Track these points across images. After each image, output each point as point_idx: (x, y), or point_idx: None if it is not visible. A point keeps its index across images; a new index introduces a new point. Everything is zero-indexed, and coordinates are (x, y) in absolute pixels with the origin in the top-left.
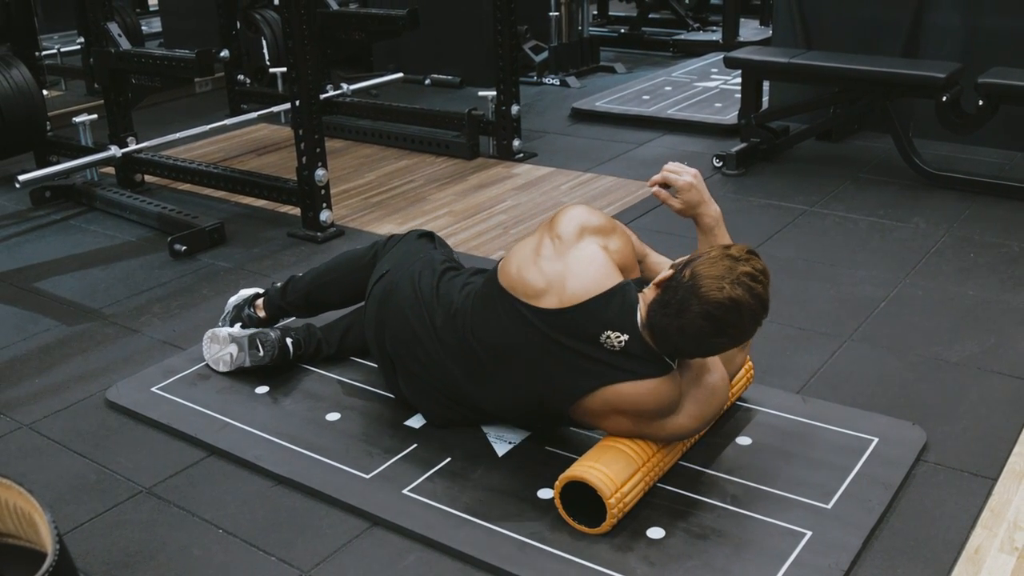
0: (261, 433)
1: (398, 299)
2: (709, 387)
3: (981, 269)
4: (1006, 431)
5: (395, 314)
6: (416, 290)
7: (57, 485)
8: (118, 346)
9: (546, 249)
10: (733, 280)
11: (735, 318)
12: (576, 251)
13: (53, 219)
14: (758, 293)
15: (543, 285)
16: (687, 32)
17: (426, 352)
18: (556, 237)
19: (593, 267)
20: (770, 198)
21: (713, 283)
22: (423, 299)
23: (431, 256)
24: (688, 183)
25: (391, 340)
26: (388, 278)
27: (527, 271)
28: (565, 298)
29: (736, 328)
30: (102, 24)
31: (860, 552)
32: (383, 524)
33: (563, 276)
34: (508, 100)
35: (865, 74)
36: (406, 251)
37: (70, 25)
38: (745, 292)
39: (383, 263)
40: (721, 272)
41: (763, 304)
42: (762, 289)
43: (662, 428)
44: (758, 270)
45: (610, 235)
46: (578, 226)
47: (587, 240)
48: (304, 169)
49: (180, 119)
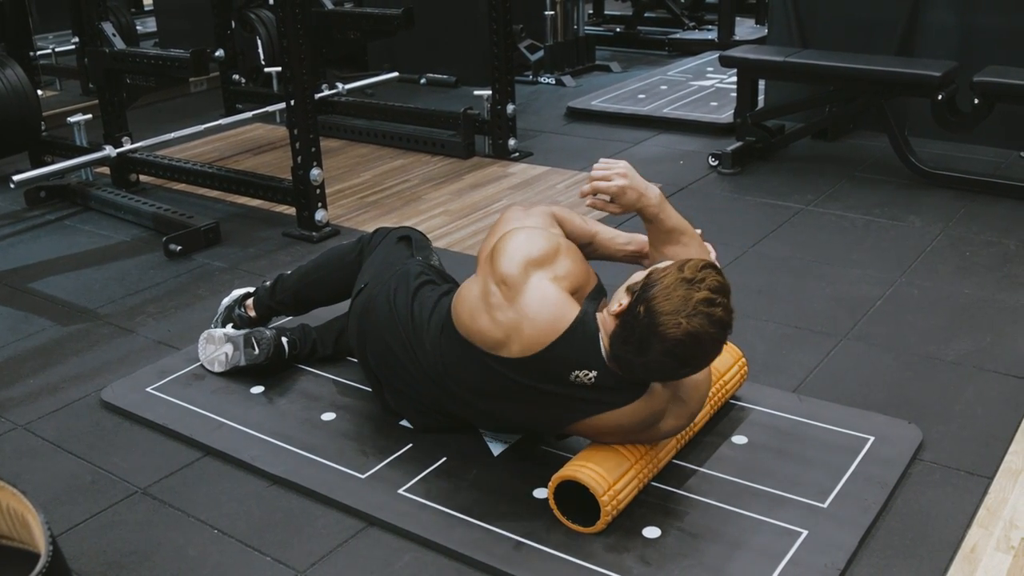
0: (256, 433)
1: (375, 318)
2: (691, 383)
3: (977, 268)
4: (1002, 430)
5: (373, 333)
6: (392, 309)
7: (52, 486)
8: (113, 346)
9: (494, 297)
10: (689, 313)
11: (697, 350)
12: (525, 295)
13: (48, 219)
14: (718, 318)
15: (501, 336)
16: (683, 31)
17: (407, 371)
18: (501, 283)
19: (547, 308)
20: (766, 197)
21: (670, 320)
22: (399, 319)
23: (407, 269)
24: (620, 188)
25: (372, 355)
26: (366, 293)
27: (480, 321)
28: (525, 346)
29: (700, 357)
30: (97, 24)
31: (856, 551)
32: (378, 524)
33: (518, 324)
34: (504, 99)
35: (861, 73)
36: (384, 259)
37: (65, 25)
38: (703, 321)
39: (363, 272)
40: (677, 306)
41: (723, 326)
42: (721, 311)
43: (653, 434)
44: (715, 290)
45: (555, 259)
46: (522, 263)
47: (534, 278)
48: (299, 169)
49: (175, 119)
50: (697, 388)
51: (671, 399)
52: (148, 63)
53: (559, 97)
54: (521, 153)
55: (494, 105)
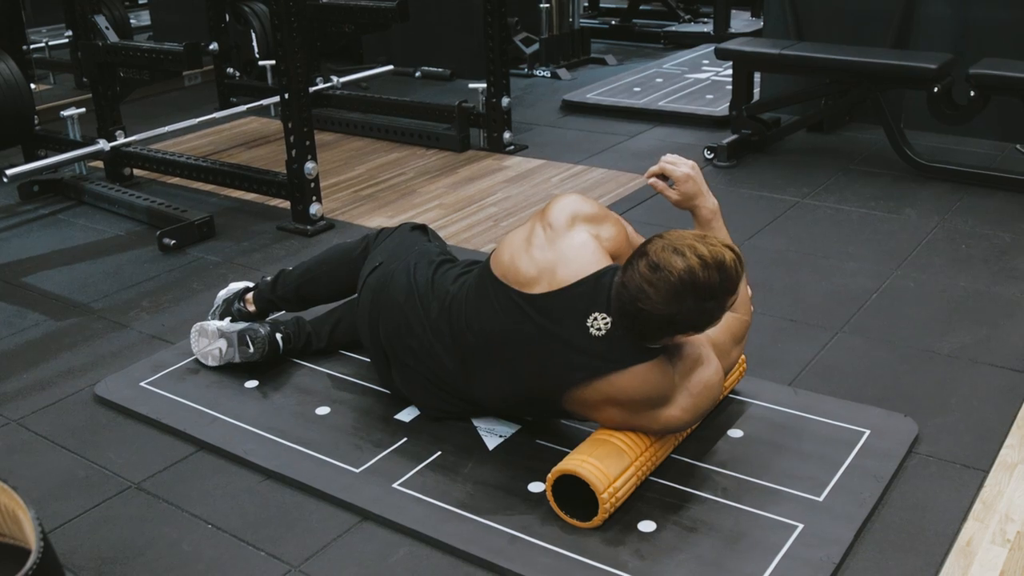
0: (250, 427)
1: (393, 290)
2: (703, 381)
3: (973, 260)
4: (998, 423)
5: (390, 305)
6: (411, 281)
7: (45, 481)
8: (107, 341)
9: (537, 238)
10: (675, 247)
11: (656, 282)
12: (566, 239)
13: (41, 213)
14: (690, 268)
15: (535, 273)
16: (678, 24)
17: (420, 343)
18: (548, 226)
19: (582, 253)
20: (761, 190)
21: (658, 240)
22: (418, 290)
23: (426, 248)
24: (685, 174)
25: (385, 331)
26: (382, 269)
27: (519, 260)
28: (554, 283)
29: (657, 298)
30: (90, 17)
31: (852, 545)
32: (373, 518)
33: (553, 263)
34: (498, 92)
35: (856, 65)
36: (399, 243)
37: (58, 19)
38: (678, 261)
39: (375, 255)
40: (673, 237)
41: (688, 282)
42: (699, 269)
43: (655, 420)
44: (714, 256)
45: (602, 223)
46: (570, 215)
47: (578, 228)
48: (294, 162)
49: (169, 113)
50: (708, 387)
51: (678, 387)
52: (142, 57)
53: (554, 90)
54: (516, 146)
55: (489, 98)
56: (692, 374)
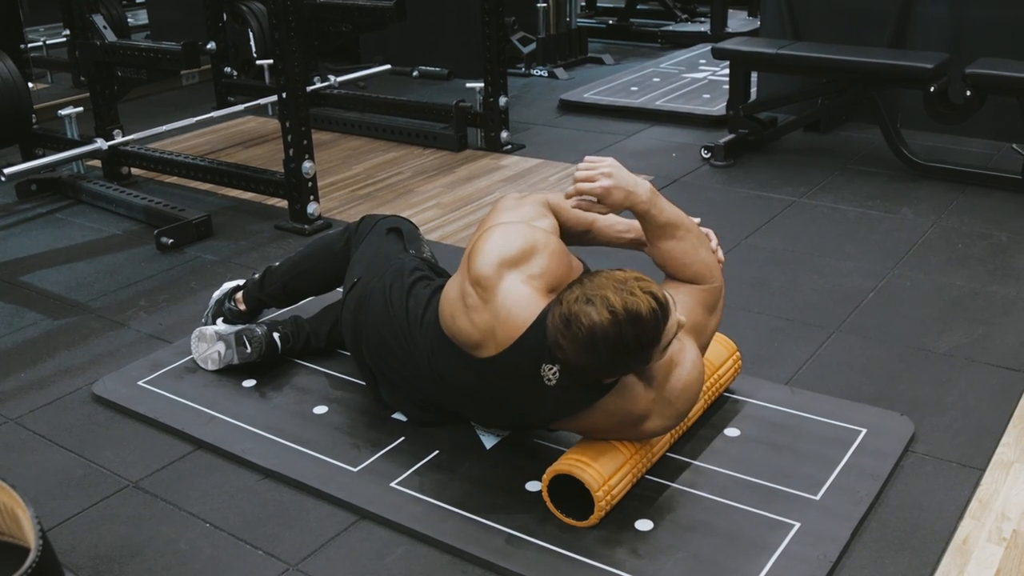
0: (248, 427)
1: (371, 312)
2: (680, 383)
3: (969, 260)
4: (994, 421)
5: (369, 327)
6: (388, 305)
7: (43, 480)
8: (104, 340)
9: (470, 299)
10: (588, 296)
11: (566, 334)
12: (498, 295)
13: (39, 212)
14: (599, 322)
15: (479, 337)
16: (675, 23)
17: (403, 366)
18: (476, 284)
19: (516, 307)
20: (758, 189)
21: (575, 289)
22: (395, 315)
23: (401, 264)
24: (605, 188)
25: (368, 350)
26: (360, 286)
27: (460, 322)
28: (499, 344)
29: (568, 347)
30: (88, 16)
31: (848, 543)
32: (370, 517)
33: (492, 325)
34: (496, 92)
35: (853, 65)
36: (376, 252)
37: (56, 18)
38: (589, 312)
39: (355, 265)
40: (588, 285)
41: (597, 335)
42: (609, 322)
43: (640, 433)
44: (628, 307)
45: (531, 258)
46: (495, 263)
47: (506, 278)
48: (291, 161)
49: (166, 112)
50: (687, 388)
51: (655, 400)
52: (139, 56)
53: (552, 89)
54: (513, 146)
55: (486, 98)
56: (668, 381)
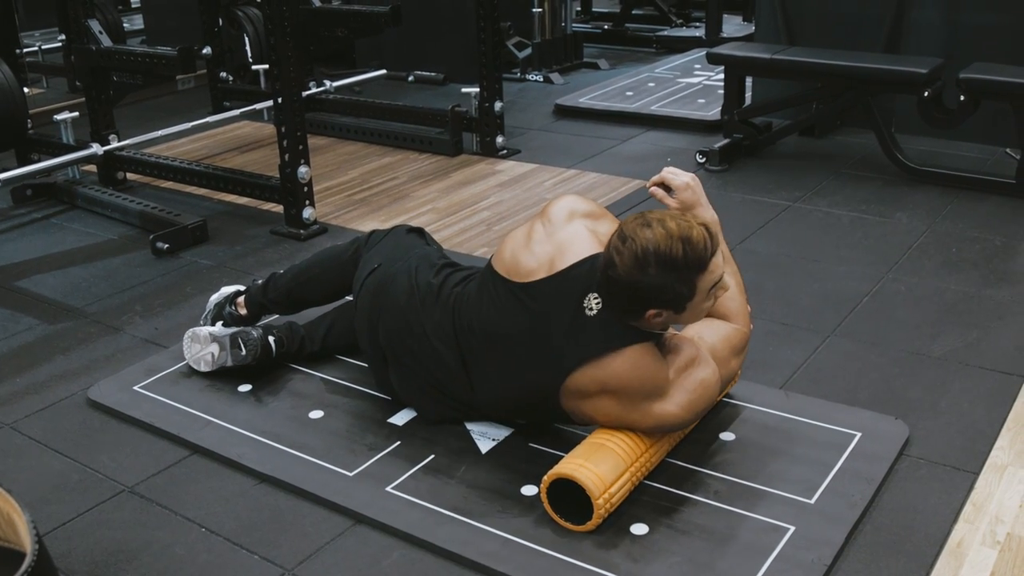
0: (244, 431)
1: (394, 291)
2: (699, 379)
3: (963, 264)
4: (988, 425)
5: (390, 306)
6: (413, 283)
7: (39, 485)
8: (100, 345)
9: (537, 233)
10: (645, 220)
11: (621, 250)
12: (564, 231)
13: (34, 217)
14: (652, 238)
15: (534, 265)
16: (670, 28)
17: (420, 344)
18: (547, 222)
19: (577, 241)
20: (753, 194)
21: (634, 216)
22: (420, 292)
23: (427, 252)
24: (684, 183)
25: (385, 331)
26: (381, 271)
27: (520, 255)
28: (552, 269)
29: (623, 266)
30: (83, 21)
31: (843, 547)
32: (366, 522)
33: (551, 254)
34: (491, 97)
35: (847, 70)
36: (396, 245)
37: (51, 23)
38: (642, 231)
39: (372, 257)
40: (649, 213)
41: (650, 250)
42: (662, 238)
43: (649, 413)
44: (681, 228)
45: (599, 219)
46: (568, 211)
47: (575, 222)
48: (287, 166)
49: (162, 117)
50: (704, 386)
51: (673, 382)
52: (135, 61)
53: (547, 94)
54: (509, 150)
55: (482, 102)
56: (687, 370)
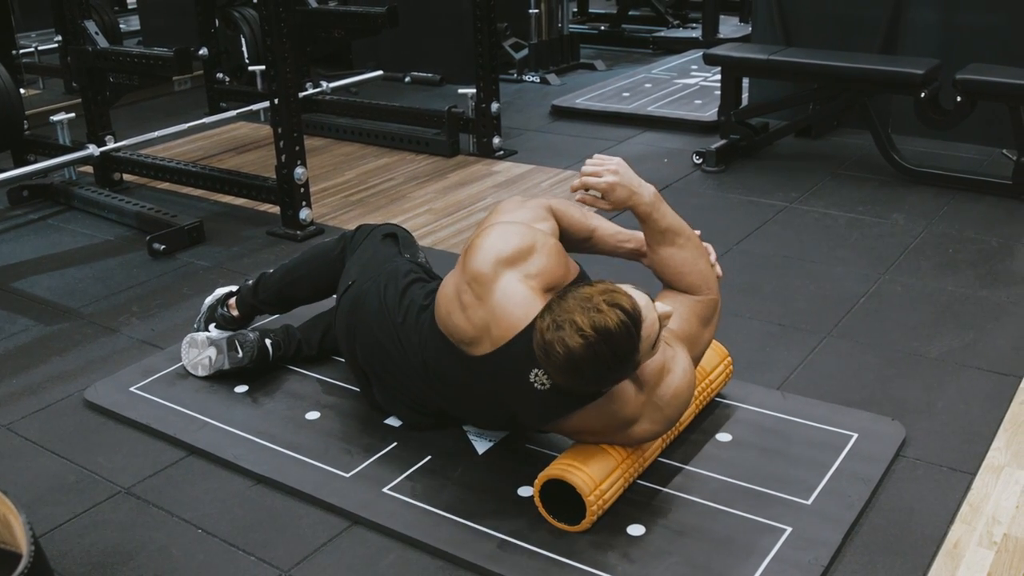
0: (240, 432)
1: (365, 313)
2: (671, 390)
3: (960, 264)
4: (985, 426)
5: (364, 327)
6: (382, 305)
7: (35, 486)
8: (96, 346)
9: (466, 296)
10: (557, 322)
11: (546, 359)
12: (495, 293)
13: (31, 218)
14: (571, 346)
15: (473, 333)
16: (667, 29)
17: (396, 365)
18: (473, 281)
19: (511, 305)
20: (750, 194)
21: (545, 316)
22: (389, 315)
23: (396, 267)
24: (609, 184)
25: (362, 351)
26: (355, 289)
27: (456, 319)
28: (494, 342)
29: (551, 369)
30: (79, 22)
31: (840, 547)
32: (363, 523)
33: (487, 322)
34: (488, 98)
35: (844, 71)
36: (372, 257)
37: (47, 23)
38: (558, 338)
39: (350, 269)
40: (558, 310)
41: (573, 358)
42: (580, 345)
43: (629, 437)
44: (597, 326)
45: (528, 258)
46: (492, 261)
47: (504, 277)
48: (283, 167)
49: (159, 118)
50: (677, 395)
51: (645, 404)
52: (131, 62)
53: (544, 95)
54: (506, 151)
55: (479, 103)
56: (659, 386)
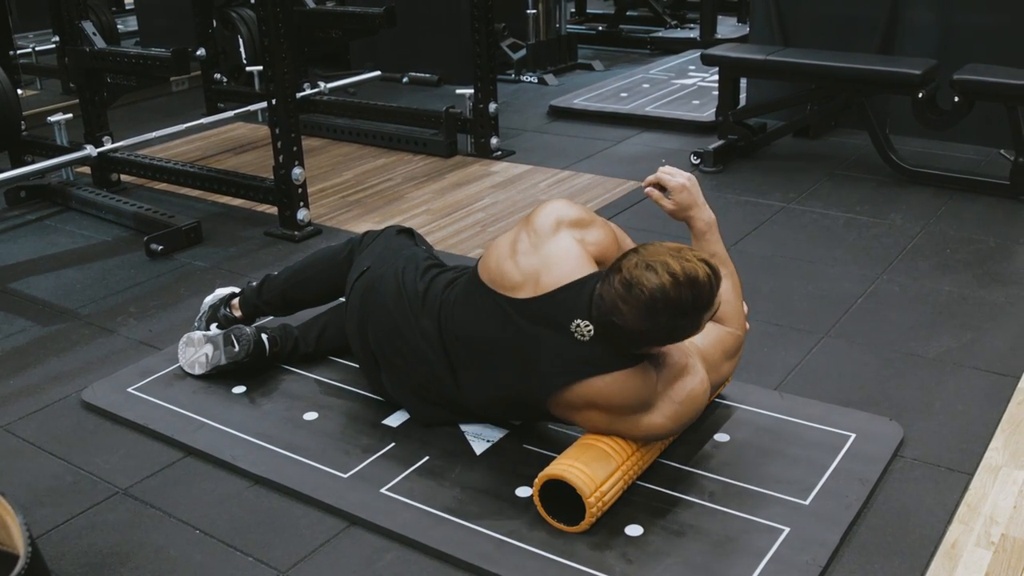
0: (238, 433)
1: (381, 294)
2: (687, 390)
3: (957, 265)
4: (982, 426)
5: (378, 308)
6: (400, 285)
7: (33, 487)
8: (94, 347)
9: (522, 244)
10: (647, 262)
11: (627, 298)
12: (550, 244)
13: (28, 219)
14: (660, 285)
15: (520, 278)
16: (665, 29)
17: (409, 346)
18: (532, 231)
19: (566, 258)
20: (747, 195)
21: (632, 256)
22: (407, 294)
23: (414, 252)
24: (680, 185)
25: (374, 334)
26: (370, 273)
27: (505, 265)
28: (539, 288)
29: (629, 313)
30: (77, 23)
31: (838, 548)
32: (361, 523)
33: (537, 269)
34: (486, 98)
35: (842, 71)
36: (386, 247)
37: (45, 24)
38: (649, 277)
39: (363, 259)
40: (647, 253)
41: (659, 298)
42: (670, 285)
43: (636, 426)
44: (686, 272)
45: (587, 227)
46: (554, 220)
47: (562, 233)
48: (281, 168)
49: (156, 118)
50: (691, 397)
51: (662, 394)
52: (129, 62)
53: (541, 96)
54: (503, 152)
55: (476, 104)
56: (676, 382)
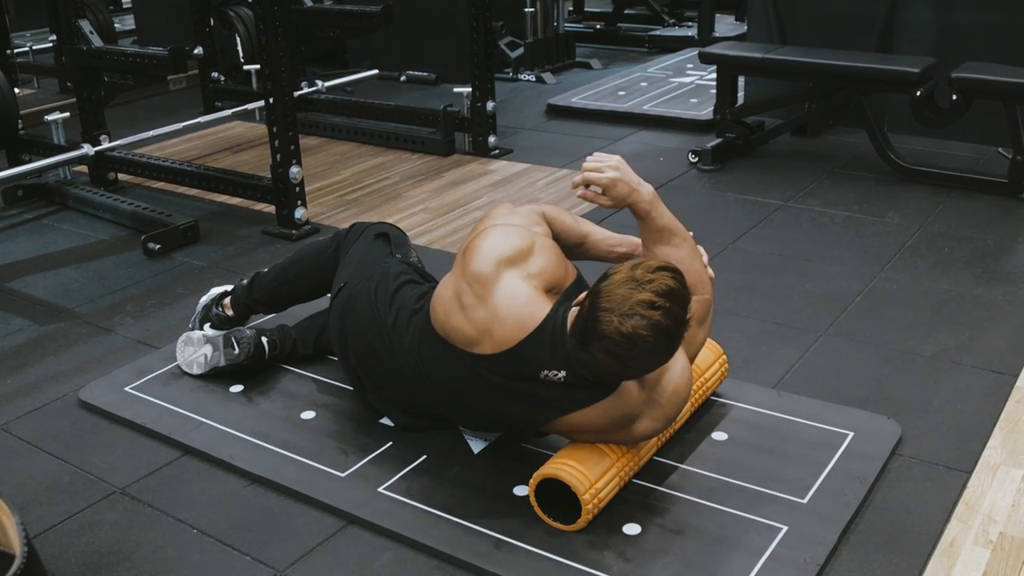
0: (235, 432)
1: (356, 316)
2: (670, 387)
3: (955, 263)
4: (980, 424)
5: (355, 331)
6: (373, 309)
7: (30, 486)
8: (91, 346)
9: (466, 296)
10: (625, 313)
11: (632, 352)
12: (497, 292)
13: (25, 218)
14: (655, 322)
15: (474, 333)
16: (663, 28)
17: (388, 368)
18: (474, 281)
19: (517, 306)
20: (745, 193)
21: (604, 316)
22: (380, 319)
23: (387, 268)
24: (611, 180)
25: (355, 356)
26: (346, 292)
27: (454, 319)
28: (497, 343)
29: (638, 360)
30: (74, 21)
31: (836, 546)
32: (358, 522)
33: (490, 323)
34: (483, 96)
35: (840, 69)
36: (363, 257)
37: (42, 23)
38: (638, 323)
39: (342, 270)
40: (614, 304)
41: (660, 331)
42: (661, 316)
43: (629, 435)
44: (660, 294)
45: (528, 257)
46: (494, 261)
47: (505, 276)
48: (279, 166)
49: (154, 117)
50: (676, 393)
51: (646, 401)
52: (126, 61)
53: (539, 94)
54: (501, 150)
55: (474, 102)
56: (658, 384)
